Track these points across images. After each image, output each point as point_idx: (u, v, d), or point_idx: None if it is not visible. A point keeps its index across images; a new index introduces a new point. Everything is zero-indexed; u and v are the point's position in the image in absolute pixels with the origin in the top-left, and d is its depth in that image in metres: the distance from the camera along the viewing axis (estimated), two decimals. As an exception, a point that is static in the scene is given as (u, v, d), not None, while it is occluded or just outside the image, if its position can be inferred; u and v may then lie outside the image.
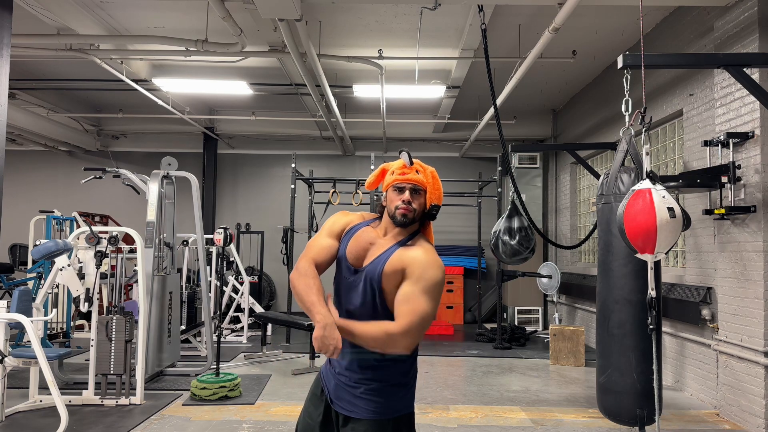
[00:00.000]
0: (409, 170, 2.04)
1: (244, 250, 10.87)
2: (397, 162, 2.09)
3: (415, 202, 2.00)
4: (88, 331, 6.16)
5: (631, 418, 3.81)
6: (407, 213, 1.98)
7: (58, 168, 11.76)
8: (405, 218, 1.99)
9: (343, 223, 2.12)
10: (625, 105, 3.84)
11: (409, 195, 2.00)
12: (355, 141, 11.29)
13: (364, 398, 1.99)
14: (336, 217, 2.14)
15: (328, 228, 2.10)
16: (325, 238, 2.07)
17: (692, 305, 5.36)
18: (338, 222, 2.12)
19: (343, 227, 2.10)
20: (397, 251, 1.97)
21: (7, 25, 3.73)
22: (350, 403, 2.01)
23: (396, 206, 2.00)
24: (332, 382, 2.06)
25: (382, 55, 6.91)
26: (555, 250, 10.17)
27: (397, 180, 2.03)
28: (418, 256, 1.93)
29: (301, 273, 1.95)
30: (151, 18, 6.53)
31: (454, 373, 6.49)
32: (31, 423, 4.43)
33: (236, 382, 5.26)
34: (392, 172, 2.07)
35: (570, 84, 8.80)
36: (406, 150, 2.08)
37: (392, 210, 2.01)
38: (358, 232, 2.07)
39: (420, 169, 2.05)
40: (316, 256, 2.01)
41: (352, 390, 2.01)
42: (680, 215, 3.26)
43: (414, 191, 2.01)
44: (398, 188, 2.02)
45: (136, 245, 5.34)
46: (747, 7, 4.69)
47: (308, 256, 2.01)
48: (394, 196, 2.02)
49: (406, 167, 2.05)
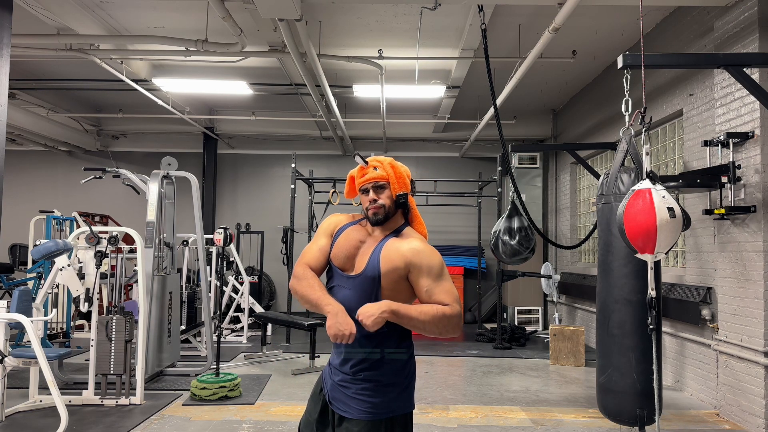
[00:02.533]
0: (367, 170, 2.09)
1: (244, 250, 10.87)
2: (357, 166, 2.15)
3: (381, 198, 2.05)
4: (88, 331, 6.16)
5: (631, 418, 3.81)
6: (377, 211, 2.05)
7: (58, 168, 11.76)
8: (377, 216, 2.05)
9: (334, 223, 2.17)
10: (625, 105, 3.84)
11: (374, 194, 2.06)
12: (355, 141, 11.29)
13: (357, 398, 2.00)
14: (328, 219, 2.20)
15: (322, 230, 2.16)
16: (320, 238, 2.14)
17: (692, 305, 5.36)
18: (330, 223, 2.18)
19: (334, 227, 2.16)
20: (387, 246, 2.02)
21: (7, 25, 3.73)
22: (344, 403, 2.03)
23: (366, 208, 2.08)
24: (329, 382, 2.10)
25: (382, 55, 6.91)
26: (555, 250, 10.17)
27: (360, 183, 2.10)
28: (416, 251, 1.98)
29: (300, 277, 2.03)
30: (151, 18, 6.53)
31: (454, 373, 6.49)
32: (31, 423, 4.43)
33: (236, 382, 5.26)
34: (356, 177, 2.14)
35: (570, 84, 8.80)
36: (358, 152, 2.13)
37: (366, 212, 2.09)
38: (347, 231, 2.12)
39: (377, 165, 2.09)
40: (310, 259, 2.09)
41: (345, 390, 2.03)
42: (680, 215, 3.26)
43: (377, 188, 2.06)
44: (363, 190, 2.09)
45: (136, 245, 5.34)
46: (747, 7, 4.69)
47: (302, 262, 2.09)
48: (364, 198, 2.10)
49: (364, 168, 2.10)
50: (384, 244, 2.03)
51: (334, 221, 2.18)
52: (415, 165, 11.72)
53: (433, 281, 1.96)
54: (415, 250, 1.98)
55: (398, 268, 1.97)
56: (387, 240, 2.05)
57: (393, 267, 1.97)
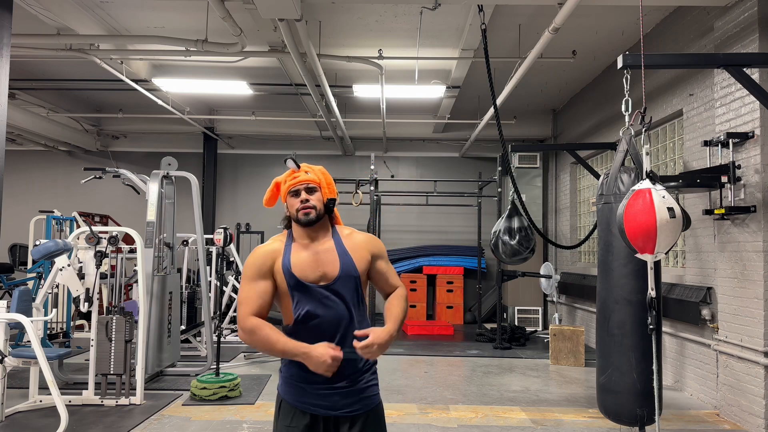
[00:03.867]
0: (298, 173, 2.12)
1: (244, 250, 10.86)
2: (286, 172, 2.15)
3: (312, 199, 2.07)
4: (88, 331, 6.16)
5: (631, 418, 3.81)
6: (309, 210, 2.05)
7: (58, 168, 11.76)
8: (308, 216, 2.05)
9: (262, 256, 2.04)
10: (625, 105, 3.84)
11: (305, 194, 2.07)
12: (355, 141, 11.29)
13: (368, 387, 2.06)
14: (252, 257, 2.05)
15: (253, 273, 2.01)
16: (256, 282, 2.00)
17: (692, 305, 5.36)
18: (258, 259, 2.03)
19: (271, 261, 2.03)
20: (345, 242, 2.09)
21: (7, 25, 3.73)
22: (357, 401, 2.02)
23: (297, 209, 2.06)
24: (336, 397, 2.00)
25: (382, 55, 6.91)
26: (555, 250, 10.17)
27: (291, 185, 2.10)
28: (370, 239, 2.16)
29: (249, 331, 1.94)
30: (151, 18, 6.53)
31: (454, 373, 6.49)
32: (31, 423, 4.43)
33: (236, 382, 5.26)
34: (284, 182, 2.13)
35: (570, 84, 8.80)
36: (291, 156, 2.15)
37: (295, 214, 2.07)
38: (293, 249, 2.06)
39: (308, 170, 2.14)
40: (253, 308, 1.97)
41: (354, 387, 2.02)
42: (680, 215, 3.26)
43: (308, 190, 2.09)
44: (293, 192, 2.09)
45: (136, 245, 5.34)
46: (747, 7, 4.69)
47: (245, 313, 1.95)
48: (293, 201, 2.09)
49: (295, 171, 2.12)
50: (341, 241, 2.09)
51: (262, 254, 2.04)
52: (415, 165, 11.72)
53: (386, 264, 2.17)
54: (370, 238, 2.16)
55: (366, 259, 2.09)
56: (338, 237, 2.10)
57: (364, 259, 2.09)
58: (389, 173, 11.38)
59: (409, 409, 4.98)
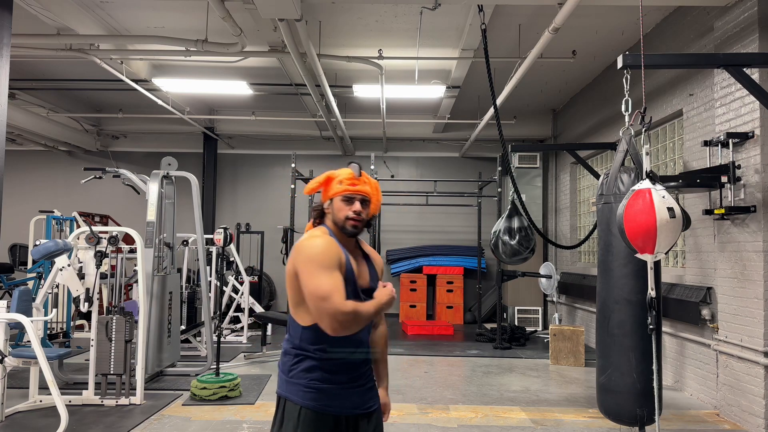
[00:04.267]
0: (359, 181, 2.07)
1: (244, 250, 10.87)
2: (345, 171, 2.10)
3: (363, 213, 2.05)
4: (88, 331, 6.16)
5: (631, 418, 3.81)
6: (358, 224, 2.03)
7: (58, 168, 11.76)
8: (356, 229, 2.04)
9: (336, 250, 1.97)
10: (625, 105, 3.84)
11: (360, 206, 2.04)
12: (355, 141, 11.29)
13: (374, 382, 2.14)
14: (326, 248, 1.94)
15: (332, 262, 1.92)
16: (335, 272, 1.91)
17: (692, 305, 5.36)
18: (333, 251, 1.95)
19: (340, 254, 1.97)
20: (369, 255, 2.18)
21: (7, 25, 3.73)
22: (374, 397, 2.11)
23: (347, 216, 2.02)
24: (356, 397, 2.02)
25: (382, 55, 6.91)
26: (555, 250, 10.18)
27: (348, 191, 2.04)
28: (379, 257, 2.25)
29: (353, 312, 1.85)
30: (151, 18, 6.53)
31: (454, 373, 6.49)
32: (31, 423, 4.43)
33: (236, 382, 5.26)
34: (340, 182, 2.06)
35: (570, 84, 8.80)
36: (357, 162, 2.12)
37: (341, 220, 2.03)
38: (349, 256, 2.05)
39: (367, 181, 2.10)
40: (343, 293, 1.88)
41: (369, 383, 2.10)
42: (680, 215, 3.26)
43: (363, 202, 2.06)
44: (348, 198, 2.04)
45: (136, 245, 5.34)
46: (747, 7, 4.69)
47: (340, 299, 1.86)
48: (343, 206, 2.04)
49: (356, 178, 2.07)
50: (367, 254, 2.17)
51: (335, 247, 1.97)
52: (415, 165, 11.72)
53: None
54: (378, 257, 2.24)
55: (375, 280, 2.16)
56: (361, 247, 2.18)
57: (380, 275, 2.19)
58: (389, 173, 11.38)
59: (409, 409, 4.98)
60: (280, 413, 1.99)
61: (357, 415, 2.03)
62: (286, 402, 1.98)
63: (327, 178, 2.11)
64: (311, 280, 1.87)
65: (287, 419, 1.96)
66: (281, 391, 2.01)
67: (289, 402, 1.97)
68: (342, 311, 1.83)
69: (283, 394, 2.00)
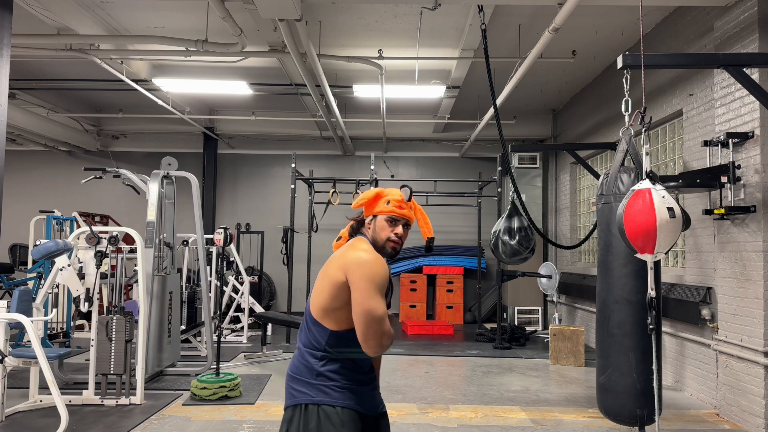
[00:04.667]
0: (407, 206, 2.10)
1: (244, 250, 10.87)
2: (394, 192, 2.11)
3: (404, 237, 2.09)
4: (88, 331, 6.16)
5: (631, 418, 3.81)
6: (397, 247, 2.08)
7: (58, 168, 11.76)
8: (395, 251, 2.08)
9: (388, 274, 1.99)
10: (625, 105, 3.84)
11: (403, 230, 2.08)
12: (355, 141, 11.29)
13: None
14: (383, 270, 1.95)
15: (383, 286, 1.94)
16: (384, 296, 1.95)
17: (692, 305, 5.36)
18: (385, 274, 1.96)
19: (389, 279, 2.00)
20: None
21: (7, 25, 3.73)
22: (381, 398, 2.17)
23: (389, 238, 2.06)
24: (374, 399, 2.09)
25: (382, 55, 6.91)
26: (555, 250, 10.18)
27: (395, 213, 2.07)
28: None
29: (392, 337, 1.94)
30: (151, 18, 6.53)
31: (454, 373, 6.49)
32: (31, 423, 4.43)
33: (236, 382, 5.26)
34: (388, 202, 2.08)
35: (570, 84, 8.80)
36: (410, 187, 2.14)
37: (382, 240, 2.06)
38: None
39: (414, 207, 2.14)
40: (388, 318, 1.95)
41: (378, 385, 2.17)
42: (680, 215, 3.26)
43: (406, 226, 2.09)
44: (392, 220, 2.07)
45: (136, 245, 5.34)
46: (747, 7, 4.69)
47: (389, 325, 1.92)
48: (386, 225, 2.07)
49: (404, 202, 2.09)
50: None
51: (388, 271, 1.98)
52: (415, 165, 11.73)
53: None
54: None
55: None
56: None
57: None
58: (389, 173, 11.38)
59: (409, 409, 4.98)
60: (315, 420, 1.92)
61: (378, 415, 2.08)
62: (319, 408, 1.93)
63: (376, 195, 2.12)
64: (368, 299, 1.88)
65: (324, 423, 1.92)
66: (308, 398, 1.95)
67: (326, 406, 1.93)
68: (389, 335, 1.91)
69: (313, 401, 1.94)
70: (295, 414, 1.96)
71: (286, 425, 1.98)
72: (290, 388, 2.01)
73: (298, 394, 1.97)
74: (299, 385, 1.98)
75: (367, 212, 2.12)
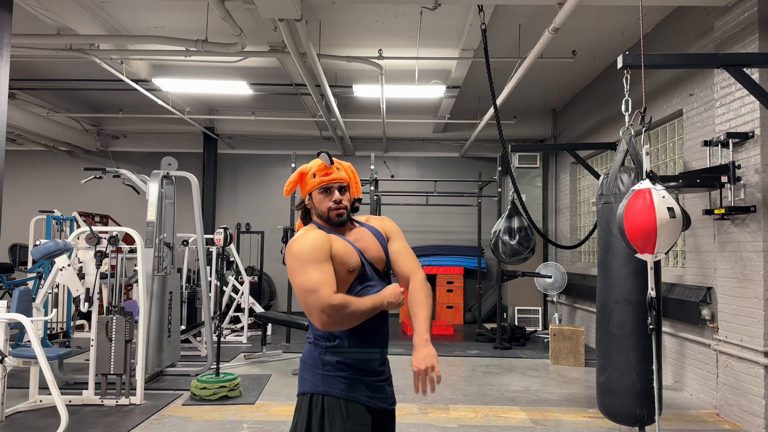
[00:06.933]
0: (331, 169, 2.05)
1: (244, 250, 10.87)
2: (315, 163, 2.08)
3: (344, 200, 2.04)
4: (88, 331, 6.16)
5: (631, 418, 3.81)
6: (341, 212, 2.02)
7: (58, 168, 11.76)
8: (340, 217, 2.02)
9: (324, 240, 1.93)
10: (625, 105, 3.84)
11: (338, 194, 2.03)
12: (355, 141, 11.29)
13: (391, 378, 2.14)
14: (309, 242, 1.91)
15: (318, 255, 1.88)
16: (323, 265, 1.88)
17: (692, 305, 5.36)
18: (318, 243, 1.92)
19: (328, 245, 1.93)
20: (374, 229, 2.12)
21: (7, 25, 3.73)
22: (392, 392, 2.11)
23: (329, 208, 2.01)
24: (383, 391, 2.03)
25: (382, 55, 6.91)
26: (555, 250, 10.17)
27: (323, 181, 2.03)
28: (383, 221, 2.18)
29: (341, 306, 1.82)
30: (151, 18, 6.53)
31: (454, 373, 6.49)
32: (31, 423, 4.43)
33: (236, 382, 5.26)
34: (313, 175, 2.05)
35: (570, 84, 8.80)
36: (325, 150, 2.09)
37: (324, 212, 2.02)
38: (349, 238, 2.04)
39: (340, 166, 2.09)
40: (333, 287, 1.85)
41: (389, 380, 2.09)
42: (680, 215, 3.26)
43: (341, 189, 2.05)
44: (325, 189, 2.03)
45: (136, 245, 5.34)
46: (747, 7, 4.69)
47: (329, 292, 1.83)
48: (322, 198, 2.03)
49: (328, 167, 2.05)
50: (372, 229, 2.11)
51: (320, 238, 1.93)
52: (415, 165, 11.73)
53: (404, 246, 2.13)
54: (382, 221, 2.18)
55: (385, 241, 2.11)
56: (365, 226, 2.12)
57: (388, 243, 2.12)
58: (389, 173, 11.39)
59: (409, 409, 4.98)
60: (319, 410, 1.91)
61: (384, 410, 2.02)
62: (324, 398, 1.91)
63: (300, 174, 2.10)
64: (298, 275, 1.86)
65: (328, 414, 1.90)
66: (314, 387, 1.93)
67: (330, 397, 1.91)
68: (330, 304, 1.80)
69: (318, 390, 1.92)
70: (303, 402, 1.96)
71: (296, 413, 2.00)
72: (300, 376, 2.03)
73: (305, 383, 1.98)
74: (306, 374, 1.99)
75: (303, 194, 2.09)
